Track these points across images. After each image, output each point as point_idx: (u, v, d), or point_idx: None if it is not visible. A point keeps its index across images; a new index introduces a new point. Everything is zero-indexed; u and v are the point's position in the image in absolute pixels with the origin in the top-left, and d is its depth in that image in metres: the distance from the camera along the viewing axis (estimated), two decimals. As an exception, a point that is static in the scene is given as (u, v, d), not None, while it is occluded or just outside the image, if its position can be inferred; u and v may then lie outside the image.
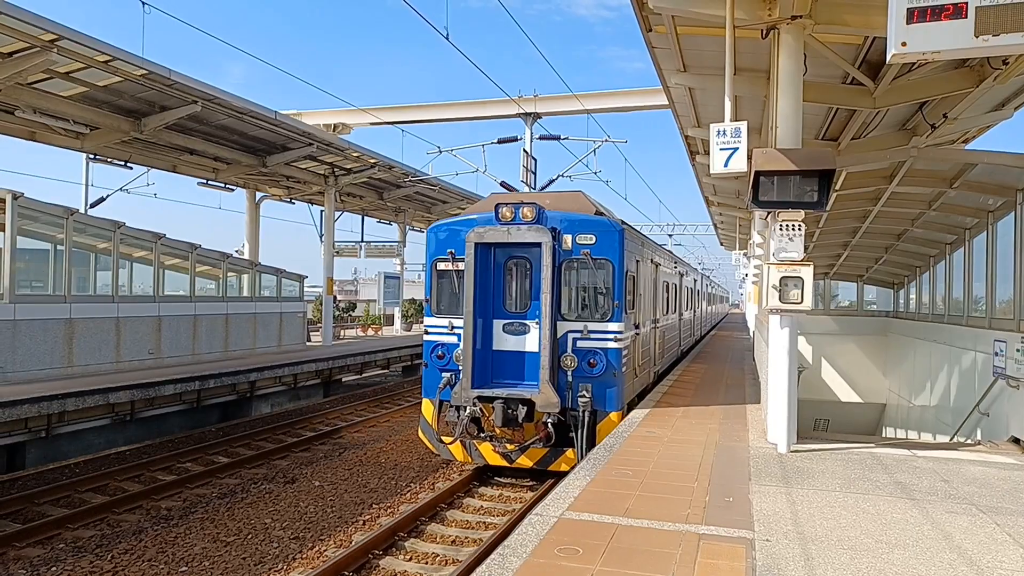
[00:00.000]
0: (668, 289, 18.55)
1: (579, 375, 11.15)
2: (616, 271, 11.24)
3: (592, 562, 5.27)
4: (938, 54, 4.40)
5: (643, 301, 13.66)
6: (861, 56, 10.44)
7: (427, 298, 12.07)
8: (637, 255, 12.73)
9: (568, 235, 11.26)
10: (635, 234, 13.02)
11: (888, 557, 5.51)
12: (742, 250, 33.68)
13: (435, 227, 12.03)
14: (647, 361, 14.42)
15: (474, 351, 11.25)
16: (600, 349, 11.16)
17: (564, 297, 11.44)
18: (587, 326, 11.23)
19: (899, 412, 25.98)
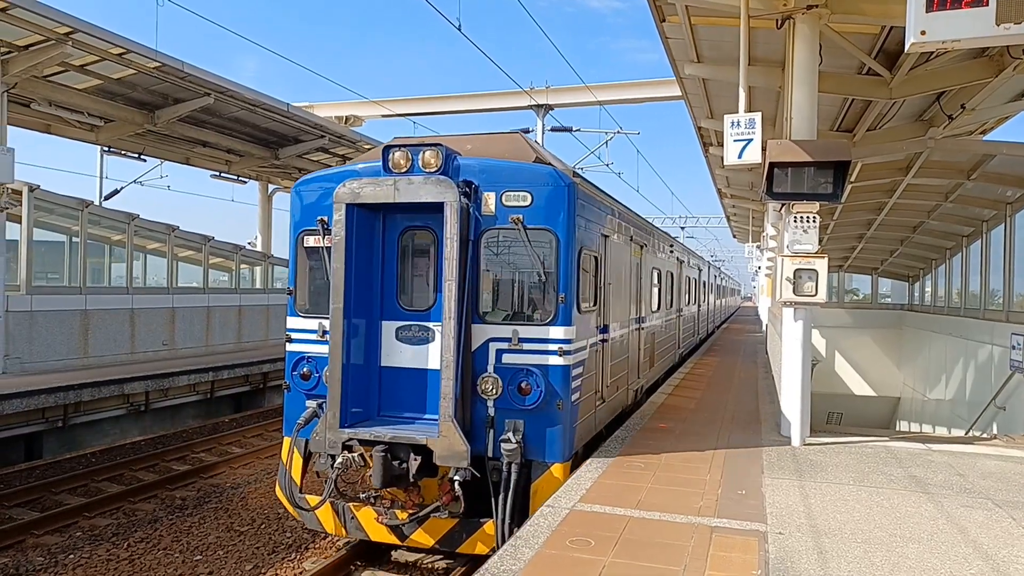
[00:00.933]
0: (662, 279, 14.72)
1: (505, 406, 7.35)
2: (562, 247, 7.40)
3: (604, 554, 5.27)
4: (958, 43, 4.33)
5: (615, 294, 9.87)
6: (878, 46, 10.31)
7: (290, 289, 8.16)
8: (602, 226, 9.02)
9: (490, 192, 7.48)
10: (599, 196, 9.00)
11: (902, 551, 5.47)
12: (755, 243, 33.47)
13: (303, 183, 8.18)
14: (622, 377, 10.63)
15: (345, 369, 7.32)
16: (536, 367, 7.33)
17: (484, 287, 7.60)
18: (518, 331, 7.37)
19: (914, 406, 25.79)
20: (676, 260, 17.10)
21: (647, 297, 12.82)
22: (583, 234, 7.93)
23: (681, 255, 18.21)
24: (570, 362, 7.46)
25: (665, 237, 16.12)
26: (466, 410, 7.36)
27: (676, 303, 17.47)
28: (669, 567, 5.06)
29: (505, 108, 29.28)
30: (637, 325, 11.88)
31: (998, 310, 16.64)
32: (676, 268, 17.13)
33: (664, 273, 14.97)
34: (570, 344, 7.46)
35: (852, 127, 13.79)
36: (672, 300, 16.65)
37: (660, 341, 14.78)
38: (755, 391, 14.11)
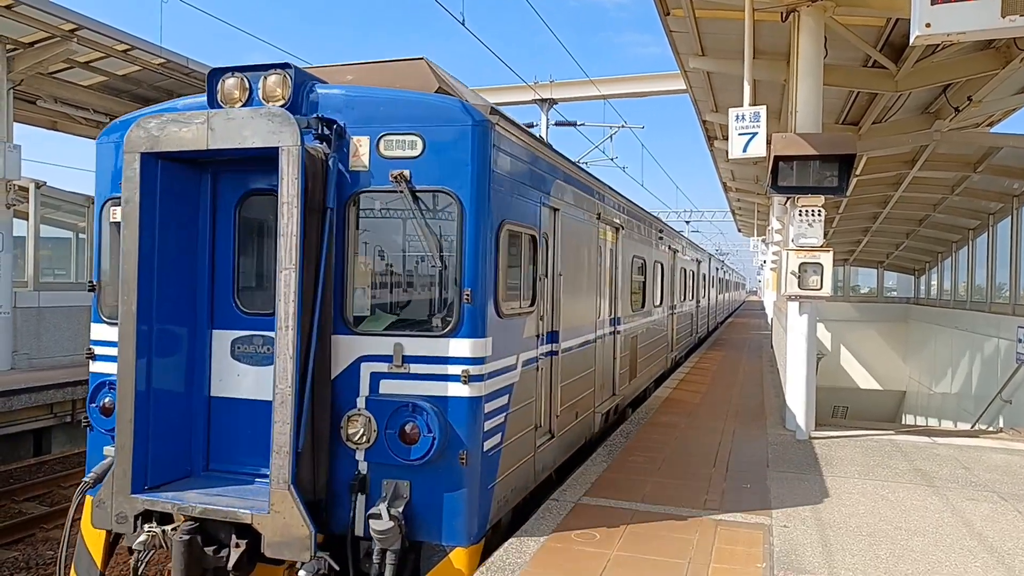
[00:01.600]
0: (648, 271, 12.25)
1: (382, 460, 5.09)
2: (470, 219, 5.12)
3: (609, 547, 5.30)
4: (963, 35, 4.32)
5: (571, 289, 7.44)
6: (883, 38, 10.27)
7: (92, 283, 5.83)
8: (547, 194, 6.58)
9: (362, 137, 5.19)
10: (540, 151, 6.52)
11: (907, 544, 5.48)
12: (760, 236, 33.41)
13: (109, 131, 5.80)
14: (586, 398, 8.22)
15: (142, 401, 5.01)
16: (429, 401, 5.04)
17: (354, 281, 5.34)
18: (403, 347, 5.12)
19: (919, 399, 25.75)
20: (668, 249, 14.78)
21: (626, 293, 10.42)
22: (508, 201, 5.57)
23: (674, 243, 15.87)
24: (481, 392, 5.07)
25: (653, 221, 13.61)
26: (320, 466, 5.00)
27: (668, 299, 15.11)
28: (674, 560, 5.08)
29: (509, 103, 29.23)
30: (612, 328, 9.58)
31: (1004, 303, 16.59)
32: (668, 258, 14.84)
33: (651, 264, 12.71)
34: (482, 364, 5.09)
35: (857, 120, 13.74)
36: (662, 296, 14.23)
37: (646, 345, 12.49)
38: (760, 385, 14.11)
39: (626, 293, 10.50)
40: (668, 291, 15.06)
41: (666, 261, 14.57)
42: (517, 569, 4.85)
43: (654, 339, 13.43)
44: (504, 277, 5.53)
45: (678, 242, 16.82)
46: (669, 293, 15.24)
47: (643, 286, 12.11)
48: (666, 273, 14.60)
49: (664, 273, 14.24)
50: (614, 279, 9.71)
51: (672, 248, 15.35)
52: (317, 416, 4.98)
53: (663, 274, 14.21)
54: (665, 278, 14.45)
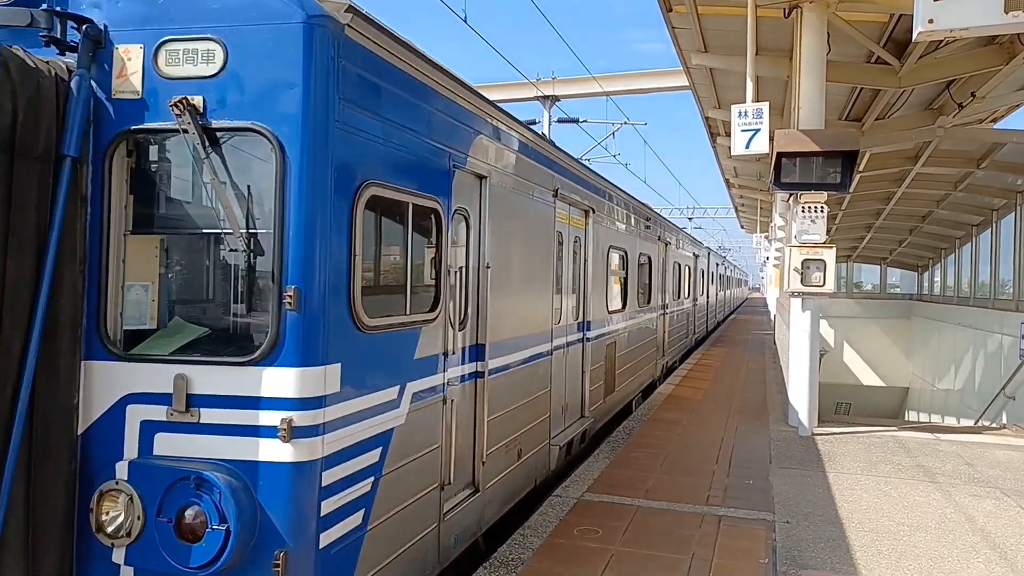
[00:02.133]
0: (630, 265, 10.59)
1: (151, 565, 3.24)
2: (297, 174, 3.26)
3: (612, 543, 5.31)
4: (966, 31, 4.31)
5: (507, 287, 5.75)
6: (886, 34, 10.25)
7: None
8: (459, 149, 4.80)
9: (132, 45, 3.35)
10: (439, 80, 4.48)
11: (910, 540, 5.49)
12: (763, 233, 33.38)
13: None
14: (533, 429, 6.44)
15: None
16: (225, 469, 3.21)
17: (119, 271, 3.45)
18: (189, 381, 3.29)
19: (922, 396, 25.72)
20: (658, 241, 13.11)
21: (600, 291, 8.99)
22: (377, 152, 3.82)
23: (667, 235, 14.12)
24: (315, 453, 3.31)
25: (639, 207, 11.78)
26: (58, 569, 3.24)
27: (659, 298, 13.47)
28: (677, 556, 5.10)
29: (511, 100, 29.20)
30: (579, 336, 8.10)
31: (1008, 299, 16.55)
32: (658, 251, 13.17)
33: (635, 257, 10.95)
34: (318, 409, 3.32)
35: (860, 116, 13.71)
36: (650, 294, 12.57)
37: (629, 353, 10.69)
38: (763, 382, 14.11)
39: (600, 292, 9.01)
40: (658, 289, 13.54)
41: (656, 254, 12.76)
42: (520, 564, 4.87)
43: (639, 345, 11.59)
44: (362, 269, 3.67)
45: (672, 234, 15.15)
46: (660, 291, 13.75)
47: (624, 283, 10.40)
48: (656, 268, 12.85)
49: (653, 268, 12.61)
50: (581, 275, 8.24)
51: (664, 240, 13.81)
52: (38, 491, 3.15)
53: (652, 270, 12.57)
54: (655, 274, 12.79)
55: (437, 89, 4.48)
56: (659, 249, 13.39)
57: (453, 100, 4.72)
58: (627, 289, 10.59)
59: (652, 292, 12.79)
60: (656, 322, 13.48)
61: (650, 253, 12.37)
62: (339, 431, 3.44)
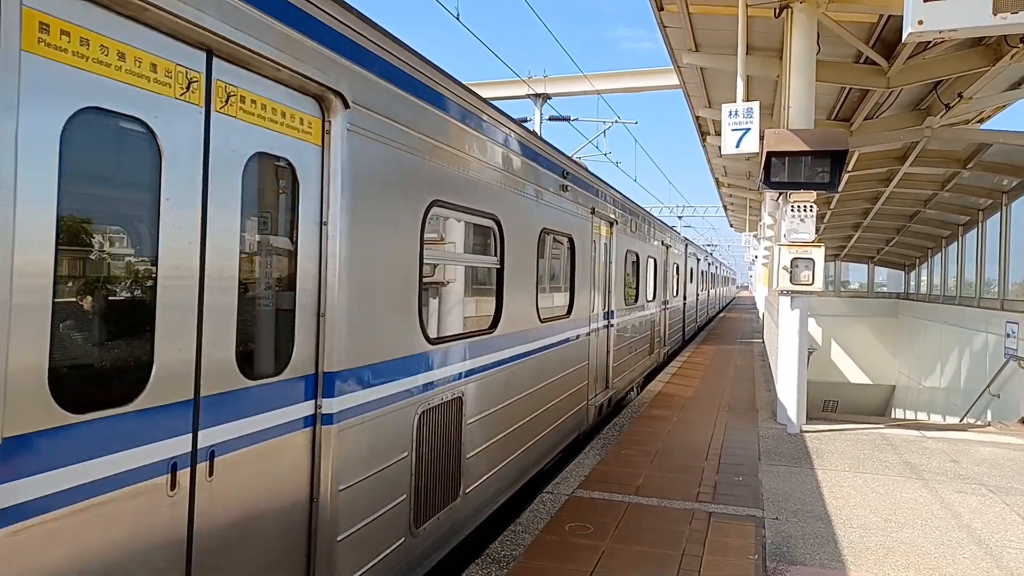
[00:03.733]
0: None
1: None
2: None
3: (603, 539, 5.34)
4: (955, 32, 4.36)
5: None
6: (875, 35, 10.32)
7: None
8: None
9: None
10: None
11: (897, 536, 5.55)
12: (752, 231, 33.56)
13: None
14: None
15: None
16: None
17: None
18: None
19: (909, 393, 25.96)
20: (595, 218, 9.34)
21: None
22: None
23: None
24: None
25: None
26: None
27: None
28: (667, 552, 5.13)
29: (502, 97, 29.20)
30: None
31: (993, 298, 16.73)
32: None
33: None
34: None
35: (849, 116, 13.81)
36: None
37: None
38: (751, 379, 14.20)
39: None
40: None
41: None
42: (512, 561, 4.89)
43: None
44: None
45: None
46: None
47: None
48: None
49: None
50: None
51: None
52: None
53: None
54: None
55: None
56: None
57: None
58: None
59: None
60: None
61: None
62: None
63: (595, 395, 9.48)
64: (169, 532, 2.70)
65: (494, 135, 5.71)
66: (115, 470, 2.46)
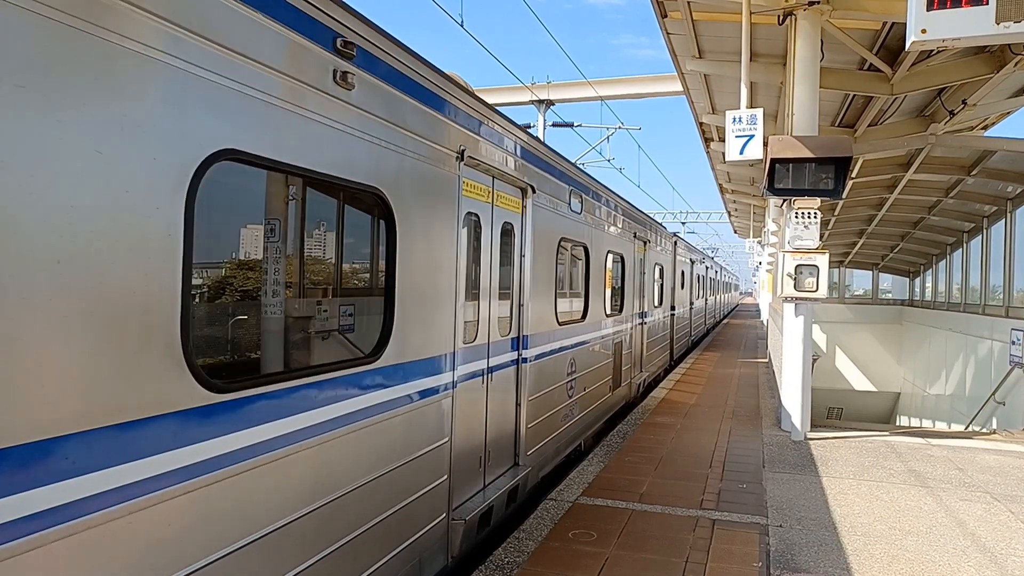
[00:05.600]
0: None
1: None
2: None
3: (606, 546, 5.33)
4: (958, 41, 4.37)
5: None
6: (879, 42, 10.34)
7: None
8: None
9: None
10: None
11: (901, 544, 5.53)
12: (756, 238, 33.52)
13: None
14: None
15: None
16: None
17: None
18: None
19: (913, 401, 25.87)
20: (608, 227, 9.58)
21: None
22: None
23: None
24: None
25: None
26: None
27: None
28: (671, 559, 5.12)
29: (506, 103, 29.27)
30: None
31: (998, 305, 16.69)
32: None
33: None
34: None
35: (853, 123, 13.81)
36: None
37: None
38: (755, 386, 14.17)
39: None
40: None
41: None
42: (515, 568, 4.89)
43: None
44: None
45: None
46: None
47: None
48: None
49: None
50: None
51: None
52: None
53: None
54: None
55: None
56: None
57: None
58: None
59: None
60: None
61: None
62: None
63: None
64: None
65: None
66: None
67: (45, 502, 2.12)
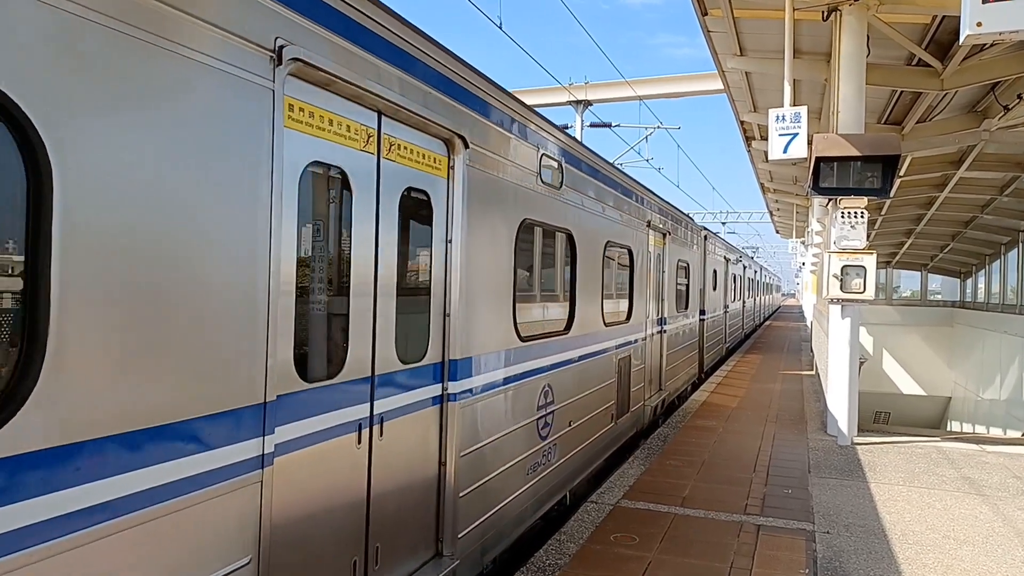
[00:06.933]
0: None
1: None
2: None
3: (648, 550, 5.28)
4: (1016, 34, 4.22)
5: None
6: (929, 36, 10.05)
7: None
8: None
9: None
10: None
11: (956, 553, 5.36)
12: (799, 238, 32.88)
13: None
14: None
15: None
16: None
17: None
18: None
19: (966, 405, 25.07)
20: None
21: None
22: None
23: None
24: None
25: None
26: None
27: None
28: (715, 564, 5.05)
29: (543, 104, 29.26)
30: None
31: (1056, 307, 16.08)
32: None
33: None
34: None
35: (901, 119, 13.45)
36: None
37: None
38: (800, 389, 13.91)
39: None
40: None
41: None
42: (556, 570, 4.87)
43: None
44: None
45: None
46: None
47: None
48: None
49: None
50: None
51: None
52: None
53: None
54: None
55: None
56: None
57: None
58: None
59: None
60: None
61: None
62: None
63: None
64: None
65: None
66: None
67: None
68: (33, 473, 2.01)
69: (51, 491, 2.05)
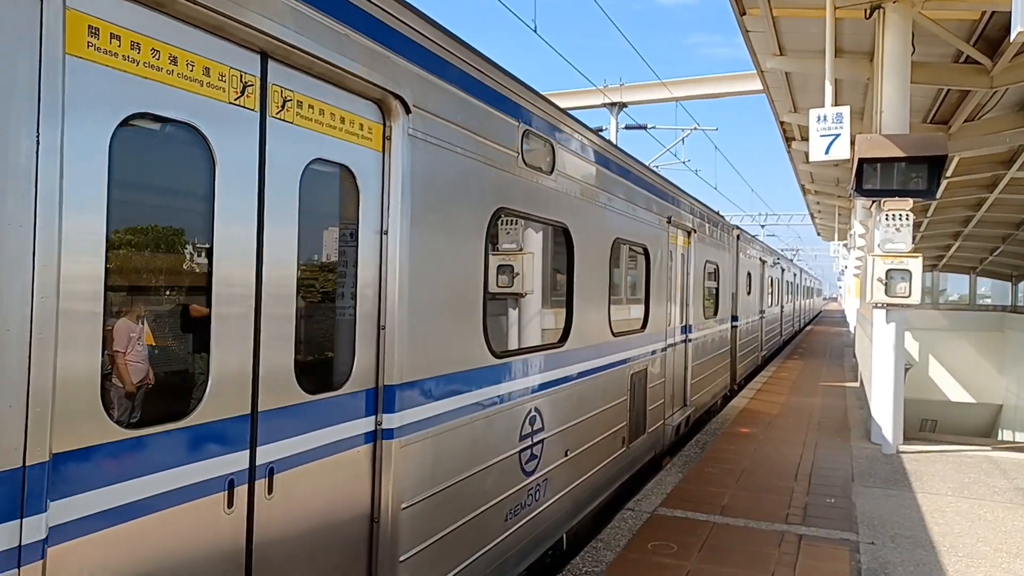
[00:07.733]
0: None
1: None
2: None
3: (687, 559, 5.20)
4: (1070, 28, 4.06)
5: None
6: (977, 32, 9.74)
7: None
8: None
9: None
10: None
11: (1009, 567, 5.16)
12: (842, 241, 32.17)
13: None
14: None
15: None
16: None
17: None
18: None
19: (1018, 414, 24.20)
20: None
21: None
22: None
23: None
24: None
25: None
26: None
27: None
28: (756, 574, 4.95)
29: (578, 107, 29.19)
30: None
31: (1115, 311, 15.44)
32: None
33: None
34: None
35: (947, 119, 13.07)
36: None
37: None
38: (842, 395, 13.59)
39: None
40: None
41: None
42: (593, 577, 4.83)
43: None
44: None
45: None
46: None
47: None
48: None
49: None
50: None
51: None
52: None
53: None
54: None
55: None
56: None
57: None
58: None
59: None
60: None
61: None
62: None
63: None
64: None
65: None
66: None
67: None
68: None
69: None
